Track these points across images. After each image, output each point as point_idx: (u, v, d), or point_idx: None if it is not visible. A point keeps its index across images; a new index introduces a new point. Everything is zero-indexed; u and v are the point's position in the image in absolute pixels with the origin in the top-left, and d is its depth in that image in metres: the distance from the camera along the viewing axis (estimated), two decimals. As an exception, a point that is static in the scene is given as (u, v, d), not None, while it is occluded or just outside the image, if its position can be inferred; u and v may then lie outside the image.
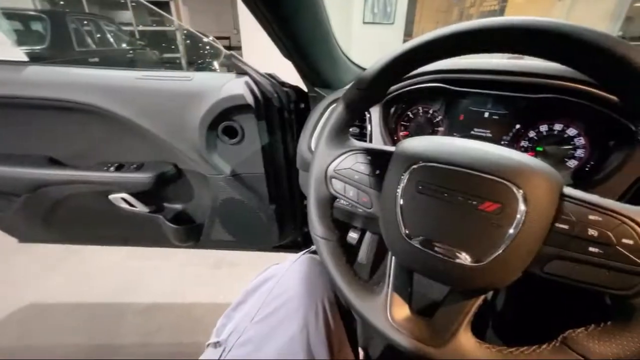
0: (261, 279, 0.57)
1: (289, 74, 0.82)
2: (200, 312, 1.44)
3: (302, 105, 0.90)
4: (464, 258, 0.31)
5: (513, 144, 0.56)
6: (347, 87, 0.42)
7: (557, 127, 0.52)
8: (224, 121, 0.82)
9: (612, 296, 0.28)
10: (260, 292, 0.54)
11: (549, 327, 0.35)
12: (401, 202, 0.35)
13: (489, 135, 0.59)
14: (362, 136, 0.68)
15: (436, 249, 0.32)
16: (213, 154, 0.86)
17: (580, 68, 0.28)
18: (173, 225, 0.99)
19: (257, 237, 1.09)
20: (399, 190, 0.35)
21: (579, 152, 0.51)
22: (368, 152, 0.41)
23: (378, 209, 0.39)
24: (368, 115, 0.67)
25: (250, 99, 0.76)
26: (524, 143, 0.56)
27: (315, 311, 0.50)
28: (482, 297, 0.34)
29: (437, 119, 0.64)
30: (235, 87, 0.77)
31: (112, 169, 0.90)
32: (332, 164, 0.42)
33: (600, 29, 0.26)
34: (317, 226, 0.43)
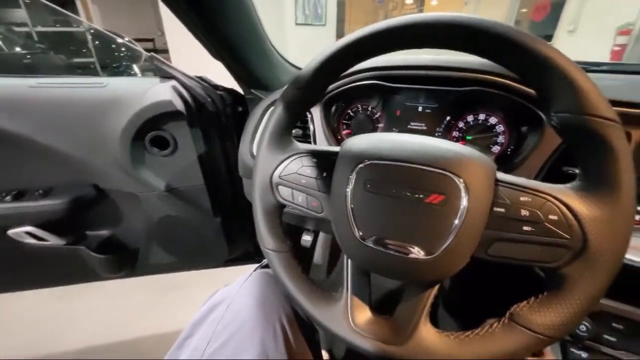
0: (209, 306, 0.51)
1: (227, 77, 0.77)
2: (148, 346, 1.28)
3: (241, 109, 0.86)
4: (417, 252, 0.31)
5: (446, 134, 0.60)
6: (285, 87, 0.39)
7: (481, 116, 0.57)
8: (151, 131, 0.73)
9: (545, 269, 0.30)
10: (209, 321, 0.48)
11: (497, 306, 0.38)
12: (351, 203, 0.34)
13: (424, 128, 0.62)
14: (305, 137, 0.66)
15: (390, 247, 0.32)
16: (141, 169, 0.76)
17: (503, 63, 0.30)
18: (100, 256, 0.85)
19: (204, 255, 1.00)
20: (349, 192, 0.34)
21: (500, 139, 0.56)
22: (313, 154, 0.39)
23: (329, 213, 0.38)
24: (310, 116, 0.65)
25: (179, 105, 0.69)
26: (455, 133, 0.60)
27: (274, 333, 0.46)
28: (437, 286, 0.35)
29: (376, 116, 0.65)
30: (161, 92, 0.69)
31: (7, 198, 0.74)
32: (277, 170, 0.40)
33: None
34: (266, 238, 0.40)
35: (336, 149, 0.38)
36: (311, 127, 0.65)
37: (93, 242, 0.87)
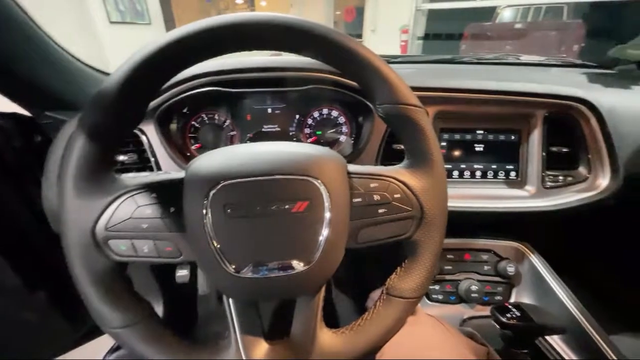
0: None
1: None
2: None
3: (40, 138, 0.62)
4: (298, 265, 0.30)
5: (298, 132, 0.62)
6: (83, 108, 0.29)
7: (324, 111, 0.62)
8: None
9: (403, 241, 0.35)
10: None
11: (377, 286, 0.41)
12: (214, 236, 0.28)
13: (278, 128, 0.62)
14: (144, 162, 0.54)
15: (270, 269, 0.30)
16: None
17: (331, 63, 0.32)
18: None
19: (29, 350, 0.70)
20: (207, 223, 0.28)
21: (344, 129, 0.62)
22: (150, 188, 0.31)
23: (190, 254, 0.31)
24: (144, 138, 0.53)
25: None
26: (306, 130, 0.62)
27: None
28: (324, 289, 0.35)
29: (226, 124, 0.60)
30: None
31: None
32: (100, 221, 0.29)
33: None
34: (108, 315, 0.30)
35: (180, 175, 0.32)
36: (147, 149, 0.53)
37: None
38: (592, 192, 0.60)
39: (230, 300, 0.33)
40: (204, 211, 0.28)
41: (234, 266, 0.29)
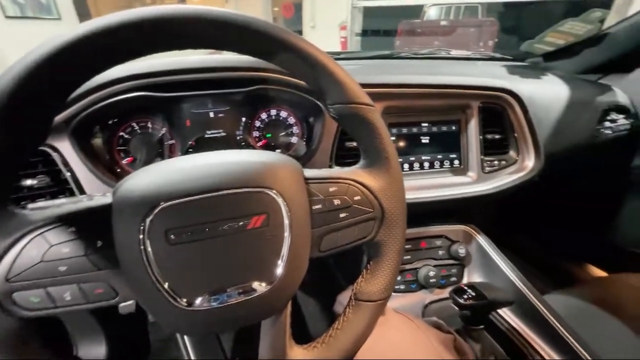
0: None
1: None
2: None
3: None
4: (259, 287, 0.27)
5: (246, 136, 0.58)
6: None
7: (273, 113, 0.58)
8: None
9: (366, 244, 0.34)
10: None
11: (343, 286, 0.40)
12: (156, 269, 0.24)
13: (223, 133, 0.57)
14: (60, 185, 0.45)
15: (230, 296, 0.26)
16: None
17: (277, 62, 0.30)
18: None
19: None
20: (147, 255, 0.24)
21: (295, 130, 0.60)
22: (65, 220, 0.25)
23: (128, 293, 0.26)
24: (56, 155, 0.44)
25: None
26: (255, 133, 0.59)
27: None
28: (289, 305, 0.33)
29: (163, 132, 0.54)
30: None
31: None
32: None
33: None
34: None
35: (106, 199, 0.26)
36: (64, 170, 0.45)
37: None
38: (521, 172, 0.67)
39: (186, 341, 0.29)
40: (142, 241, 0.24)
41: (185, 300, 0.25)
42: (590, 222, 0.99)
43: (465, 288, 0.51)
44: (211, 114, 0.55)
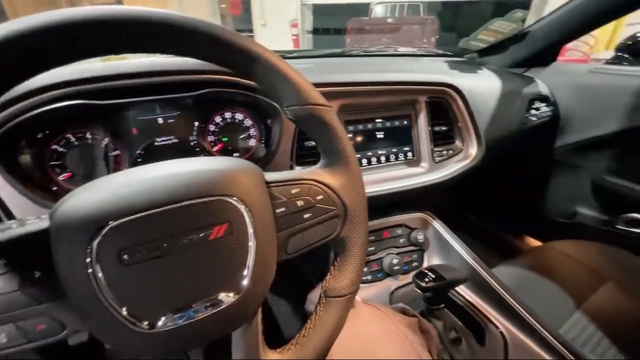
0: None
1: None
2: None
3: None
4: (227, 298, 0.26)
5: (201, 141, 0.55)
6: None
7: (228, 115, 0.56)
8: None
9: (331, 242, 0.35)
10: None
11: (312, 282, 0.41)
12: (111, 293, 0.22)
13: (175, 140, 0.54)
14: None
15: (197, 311, 0.25)
16: None
17: (227, 66, 0.29)
18: None
19: None
20: (97, 282, 0.22)
21: (253, 132, 0.59)
22: None
23: (78, 323, 0.24)
24: None
25: None
26: (210, 137, 0.56)
27: None
28: (260, 310, 0.32)
29: (105, 142, 0.49)
30: None
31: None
32: None
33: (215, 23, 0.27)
34: None
35: (42, 224, 0.24)
36: None
37: None
38: (467, 160, 0.73)
39: None
40: (89, 265, 0.22)
41: (146, 323, 0.24)
42: (525, 198, 1.12)
43: (426, 272, 0.54)
44: (160, 120, 0.52)
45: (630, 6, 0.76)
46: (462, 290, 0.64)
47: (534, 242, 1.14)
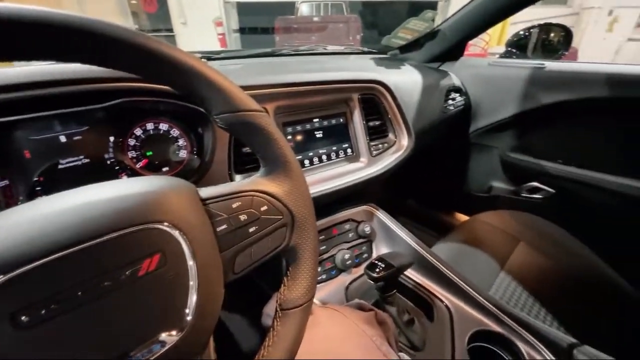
0: None
1: None
2: None
3: None
4: (169, 338, 0.23)
5: (120, 158, 0.48)
6: None
7: (150, 126, 0.50)
8: None
9: (281, 253, 0.33)
10: None
11: (266, 292, 0.39)
12: None
13: (86, 160, 0.46)
14: None
15: (137, 357, 0.22)
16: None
17: (147, 76, 0.26)
18: None
19: None
20: None
21: (182, 143, 0.53)
22: None
23: None
24: None
25: None
26: (131, 153, 0.50)
27: None
28: (211, 340, 0.30)
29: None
30: None
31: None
32: None
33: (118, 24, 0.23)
34: None
35: None
36: None
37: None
38: (400, 151, 0.78)
39: None
40: None
41: None
42: (450, 179, 1.25)
43: (376, 262, 0.57)
44: (62, 138, 0.44)
45: (518, 6, 0.89)
46: (410, 273, 0.68)
47: (463, 217, 1.29)
